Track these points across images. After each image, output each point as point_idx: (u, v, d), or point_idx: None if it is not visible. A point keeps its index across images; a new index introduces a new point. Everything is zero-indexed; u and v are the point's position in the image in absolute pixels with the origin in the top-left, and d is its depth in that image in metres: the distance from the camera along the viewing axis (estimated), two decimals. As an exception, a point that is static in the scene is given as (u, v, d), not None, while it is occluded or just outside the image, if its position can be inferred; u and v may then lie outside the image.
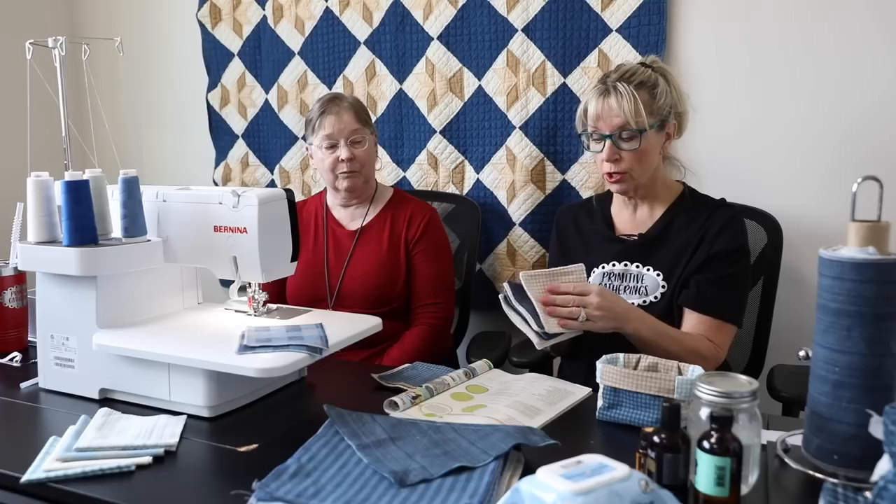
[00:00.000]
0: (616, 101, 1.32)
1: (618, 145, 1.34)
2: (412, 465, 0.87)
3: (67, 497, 0.86)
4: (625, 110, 1.31)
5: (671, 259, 1.36)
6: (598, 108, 1.34)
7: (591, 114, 1.35)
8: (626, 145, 1.34)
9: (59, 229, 1.17)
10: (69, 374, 1.17)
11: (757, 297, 1.56)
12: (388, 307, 1.61)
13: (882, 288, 0.79)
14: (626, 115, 1.31)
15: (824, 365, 0.84)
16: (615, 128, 1.33)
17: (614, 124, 1.33)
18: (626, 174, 1.35)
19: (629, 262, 1.39)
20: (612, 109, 1.32)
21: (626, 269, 1.40)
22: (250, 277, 1.18)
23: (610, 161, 1.35)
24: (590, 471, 0.69)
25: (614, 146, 1.33)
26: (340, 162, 1.61)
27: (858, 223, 0.83)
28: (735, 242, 1.34)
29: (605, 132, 1.34)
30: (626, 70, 1.36)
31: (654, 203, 1.43)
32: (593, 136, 1.37)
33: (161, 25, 2.47)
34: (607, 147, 1.34)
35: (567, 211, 1.56)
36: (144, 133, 2.57)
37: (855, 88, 1.61)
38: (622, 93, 1.32)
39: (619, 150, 1.34)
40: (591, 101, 1.36)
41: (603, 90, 1.35)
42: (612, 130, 1.33)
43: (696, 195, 1.44)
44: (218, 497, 0.84)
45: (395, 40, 2.04)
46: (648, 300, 1.36)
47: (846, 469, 0.82)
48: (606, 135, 1.34)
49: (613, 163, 1.34)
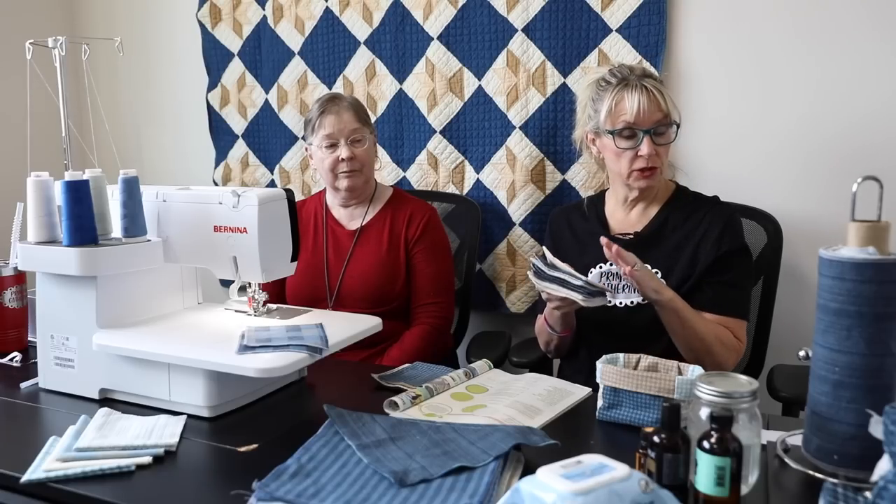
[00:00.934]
0: (657, 95, 1.35)
1: (654, 141, 1.35)
2: (412, 464, 0.87)
3: (67, 497, 0.86)
4: (667, 104, 1.35)
5: (668, 256, 1.37)
6: (638, 104, 1.34)
7: (630, 108, 1.35)
8: (661, 139, 1.36)
9: (59, 229, 1.17)
10: (69, 374, 1.17)
11: (757, 298, 1.56)
12: (388, 307, 1.61)
13: (882, 288, 0.79)
14: (668, 108, 1.35)
15: (824, 365, 0.84)
16: (654, 123, 1.35)
17: (654, 119, 1.34)
18: (656, 169, 1.38)
19: None
20: (652, 105, 1.34)
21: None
22: (250, 277, 1.18)
23: (650, 156, 1.35)
24: (590, 471, 0.69)
25: (652, 141, 1.35)
26: (341, 161, 1.61)
27: (858, 223, 0.83)
28: (740, 241, 1.37)
29: (644, 127, 1.35)
30: (645, 69, 1.41)
31: (649, 202, 1.44)
32: (624, 133, 1.36)
33: (161, 25, 2.47)
34: (646, 142, 1.34)
35: (560, 213, 1.57)
36: (144, 133, 2.57)
37: (855, 88, 1.61)
38: (658, 89, 1.36)
39: (655, 146, 1.36)
40: (623, 97, 1.36)
41: (634, 86, 1.35)
42: (651, 125, 1.35)
43: (689, 192, 1.46)
44: (218, 497, 0.84)
45: (395, 40, 2.04)
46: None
47: (846, 469, 0.82)
48: (645, 130, 1.34)
49: (650, 158, 1.36)
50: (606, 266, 1.41)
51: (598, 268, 1.42)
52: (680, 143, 1.77)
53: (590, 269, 1.42)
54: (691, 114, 1.76)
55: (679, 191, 1.46)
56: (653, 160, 1.36)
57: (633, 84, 1.35)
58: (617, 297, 1.38)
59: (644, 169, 1.37)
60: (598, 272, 1.41)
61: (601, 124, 1.39)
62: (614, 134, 1.37)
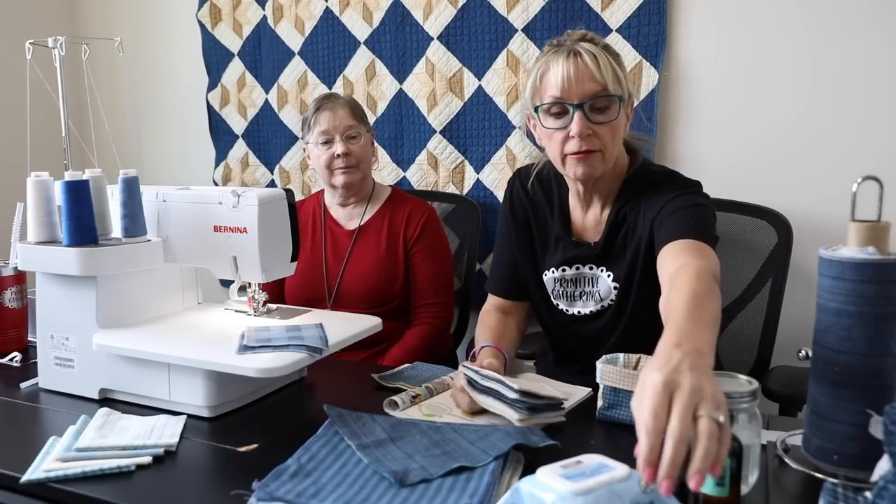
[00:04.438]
0: (591, 61, 1.11)
1: (588, 117, 1.12)
2: (412, 464, 0.87)
3: (67, 497, 0.86)
4: (602, 72, 1.11)
5: (623, 265, 1.21)
6: (566, 72, 1.10)
7: (555, 80, 1.11)
8: (600, 117, 1.12)
9: (59, 229, 1.17)
10: (69, 374, 1.17)
11: (765, 298, 1.55)
12: (387, 307, 1.61)
13: (882, 288, 0.79)
14: (605, 77, 1.11)
15: (824, 365, 0.84)
16: (587, 95, 1.11)
17: (587, 91, 1.11)
18: (597, 153, 1.14)
19: (581, 265, 1.25)
20: (585, 72, 1.10)
21: (580, 273, 1.26)
22: (250, 277, 1.18)
23: (582, 136, 1.11)
24: (590, 471, 0.69)
25: (585, 118, 1.11)
26: (336, 157, 1.61)
27: (858, 223, 0.83)
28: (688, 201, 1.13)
29: (573, 101, 1.11)
30: (586, 33, 1.16)
31: (604, 197, 1.24)
32: (552, 110, 1.13)
33: (161, 25, 2.47)
34: (578, 119, 1.11)
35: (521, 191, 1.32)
36: (144, 133, 2.57)
37: (856, 87, 1.61)
38: (595, 54, 1.11)
39: (591, 124, 1.12)
40: (551, 66, 1.13)
41: (567, 52, 1.12)
42: (582, 98, 1.11)
43: (646, 173, 1.23)
44: (218, 497, 0.84)
45: (395, 40, 2.04)
46: (604, 304, 1.24)
47: (846, 469, 0.82)
48: (576, 104, 1.11)
49: (584, 139, 1.12)
50: (559, 272, 1.26)
51: (550, 272, 1.28)
52: (680, 143, 1.78)
53: (544, 272, 1.29)
54: (692, 114, 1.76)
55: (633, 177, 1.22)
56: (589, 141, 1.12)
57: (566, 50, 1.12)
58: (574, 307, 1.27)
59: (577, 152, 1.13)
60: (552, 276, 1.28)
61: (528, 101, 1.18)
62: (539, 110, 1.15)
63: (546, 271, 1.29)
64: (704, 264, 0.96)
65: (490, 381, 1.02)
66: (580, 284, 1.25)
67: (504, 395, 0.99)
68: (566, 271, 1.26)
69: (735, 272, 1.59)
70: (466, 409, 1.06)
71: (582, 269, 1.25)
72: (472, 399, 1.04)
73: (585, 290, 1.24)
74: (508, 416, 0.98)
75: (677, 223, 1.09)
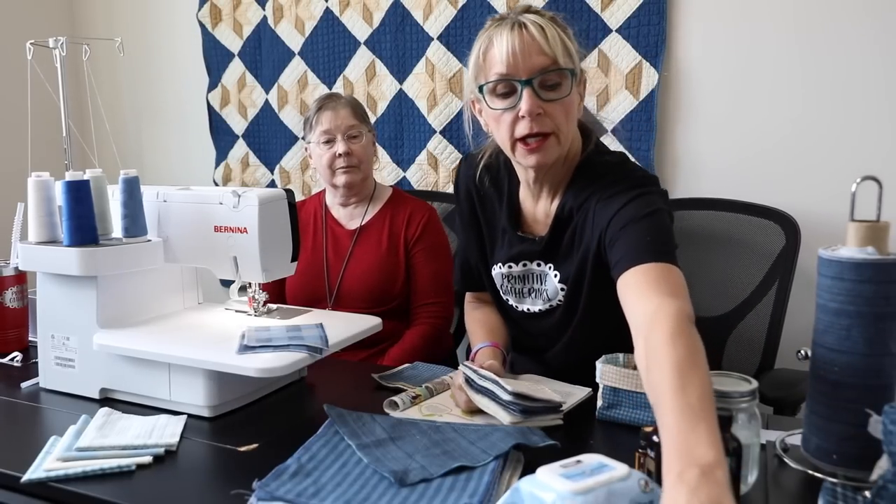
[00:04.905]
0: (538, 32, 0.99)
1: (539, 95, 1.00)
2: (412, 464, 0.87)
3: (68, 496, 0.86)
4: (551, 43, 0.99)
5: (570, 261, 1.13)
6: (511, 46, 0.99)
7: (500, 55, 1.00)
8: (552, 94, 1.01)
9: (59, 229, 1.17)
10: (70, 374, 1.17)
11: (771, 299, 1.54)
12: (388, 307, 1.61)
13: (881, 288, 0.79)
14: (554, 49, 0.99)
15: (823, 365, 0.84)
16: (536, 70, 1.00)
17: (535, 65, 0.99)
18: (550, 137, 1.02)
19: (528, 262, 1.17)
20: (532, 45, 0.99)
21: (528, 270, 1.17)
22: (250, 277, 1.18)
23: (532, 116, 1.00)
24: (589, 470, 0.69)
25: (535, 95, 1.00)
26: (338, 157, 1.62)
27: (857, 223, 0.83)
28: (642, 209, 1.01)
29: (521, 77, 1.00)
30: (530, 6, 1.06)
31: (554, 186, 1.13)
32: (498, 89, 1.02)
33: (161, 26, 2.47)
34: (527, 96, 0.99)
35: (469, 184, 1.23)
36: (145, 133, 2.57)
37: (856, 86, 1.61)
38: (542, 25, 1.00)
39: (542, 102, 1.01)
40: (494, 40, 1.01)
41: (512, 24, 1.01)
42: (531, 74, 0.99)
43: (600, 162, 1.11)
44: (218, 496, 0.84)
45: (395, 40, 2.04)
46: (552, 304, 1.17)
47: (845, 468, 0.82)
48: (524, 80, 0.99)
49: (536, 119, 1.00)
50: (506, 268, 1.19)
51: (498, 267, 1.20)
52: (680, 144, 1.78)
53: (492, 266, 1.22)
54: (691, 114, 1.76)
55: (583, 165, 1.10)
56: (541, 122, 1.01)
57: (510, 22, 1.01)
58: (524, 304, 1.21)
59: (528, 136, 1.02)
60: (499, 272, 1.21)
61: (471, 81, 1.06)
62: (484, 90, 1.03)
63: (494, 266, 1.22)
64: (677, 307, 0.84)
65: (487, 381, 1.02)
66: (528, 281, 1.16)
67: (498, 397, 0.99)
68: (513, 268, 1.18)
69: (742, 274, 1.58)
70: (464, 408, 1.06)
71: (529, 266, 1.17)
72: (469, 398, 1.04)
73: (534, 286, 1.16)
74: (500, 418, 0.98)
75: (634, 243, 0.97)
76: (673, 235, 1.01)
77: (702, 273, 1.62)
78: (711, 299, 1.60)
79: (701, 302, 1.60)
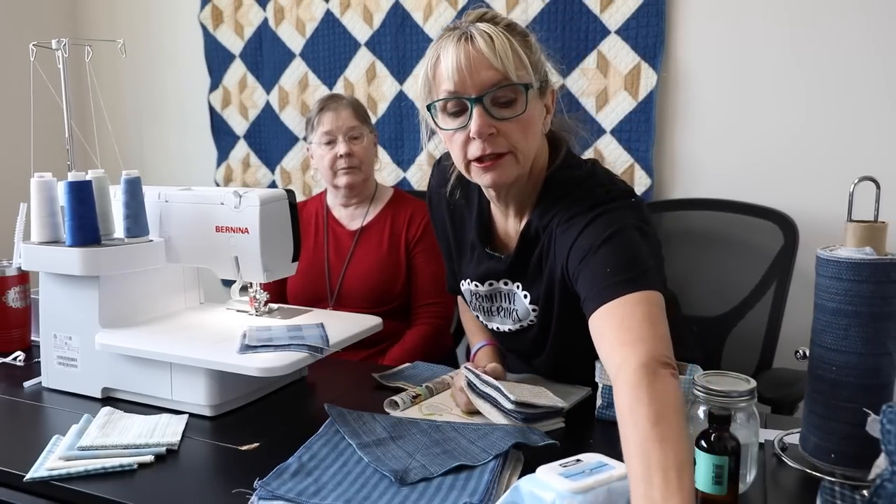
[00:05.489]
0: (486, 45, 0.92)
1: (491, 113, 0.93)
2: (412, 463, 0.88)
3: (70, 495, 0.87)
4: (500, 56, 0.91)
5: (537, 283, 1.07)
6: (457, 61, 0.92)
7: (447, 71, 0.93)
8: (505, 112, 0.94)
9: (62, 229, 1.18)
10: (72, 374, 1.17)
11: (769, 299, 1.55)
12: (389, 307, 1.62)
13: (879, 288, 0.80)
14: (504, 63, 0.92)
15: (822, 364, 0.84)
16: (485, 86, 0.93)
17: (484, 80, 0.92)
18: (506, 156, 0.96)
19: (495, 281, 1.11)
20: (479, 60, 0.92)
21: (494, 289, 1.12)
22: (252, 277, 1.18)
23: (482, 136, 0.93)
24: (589, 469, 0.70)
25: (487, 114, 0.93)
26: (339, 158, 1.62)
27: (856, 223, 0.84)
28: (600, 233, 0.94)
29: (469, 94, 0.93)
30: (485, 12, 0.97)
31: (520, 206, 1.07)
32: (448, 109, 0.96)
33: (163, 27, 2.48)
34: (477, 115, 0.92)
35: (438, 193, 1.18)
36: (146, 134, 2.58)
37: (855, 87, 1.61)
38: (491, 35, 0.92)
39: (494, 121, 0.94)
40: (441, 54, 0.94)
41: (459, 36, 0.94)
42: (481, 91, 0.92)
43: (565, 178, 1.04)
44: (220, 495, 0.85)
45: (396, 42, 2.05)
46: (524, 325, 1.11)
47: (843, 467, 0.83)
48: (472, 98, 0.92)
49: (488, 139, 0.94)
50: (473, 286, 1.13)
51: (467, 282, 1.15)
52: (679, 145, 1.78)
53: (461, 281, 1.18)
54: (691, 115, 1.77)
55: (550, 181, 1.03)
56: (493, 143, 0.94)
57: (458, 34, 0.94)
58: (493, 322, 1.16)
59: (482, 158, 0.95)
60: (468, 288, 1.16)
61: (422, 98, 1.00)
62: (433, 109, 0.97)
63: (463, 281, 1.17)
64: (636, 359, 0.78)
65: (489, 387, 1.02)
66: (496, 300, 1.11)
67: (501, 405, 0.99)
68: (479, 287, 1.12)
69: (741, 274, 1.58)
70: (464, 409, 1.06)
71: (496, 285, 1.11)
72: (469, 399, 1.05)
73: (502, 305, 1.10)
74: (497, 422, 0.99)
75: (594, 278, 0.90)
76: (641, 251, 0.93)
77: (700, 273, 1.62)
78: (710, 299, 1.61)
79: (700, 302, 1.60)
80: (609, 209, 0.97)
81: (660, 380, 0.77)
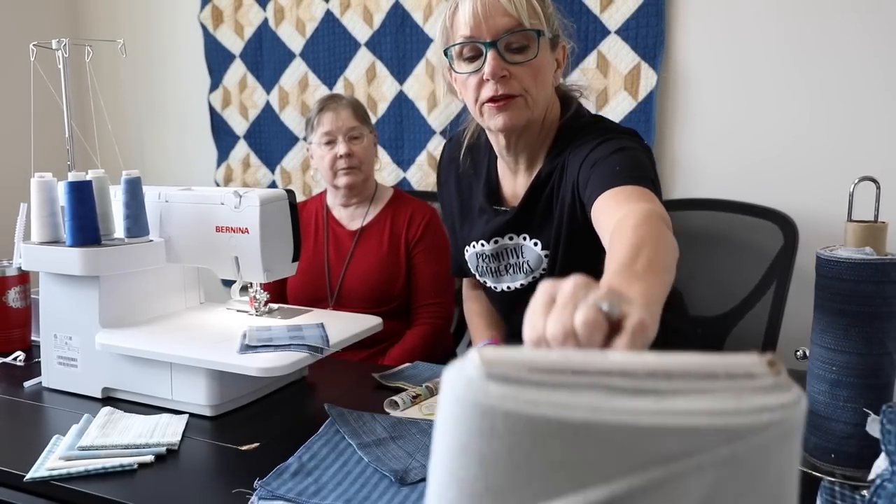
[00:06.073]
0: None
1: (504, 57, 0.99)
2: (412, 463, 0.88)
3: (70, 495, 0.87)
4: (515, 4, 0.98)
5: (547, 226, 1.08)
6: (474, 6, 0.98)
7: (464, 17, 1.00)
8: (518, 56, 1.00)
9: (62, 229, 1.18)
10: (72, 374, 1.17)
11: (769, 299, 1.55)
12: (388, 307, 1.62)
13: (879, 288, 0.80)
14: (518, 9, 0.98)
15: (822, 364, 0.84)
16: (500, 31, 0.99)
17: (500, 26, 0.99)
18: (517, 98, 1.00)
19: (500, 237, 1.13)
20: (495, 6, 0.98)
21: (500, 245, 1.13)
22: (252, 277, 1.18)
23: (495, 77, 0.99)
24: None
25: (500, 57, 0.99)
26: (339, 158, 1.62)
27: (855, 223, 0.84)
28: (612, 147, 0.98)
29: (484, 39, 0.99)
30: None
31: (532, 155, 1.10)
32: (464, 53, 1.02)
33: (163, 27, 2.48)
34: (491, 58, 0.98)
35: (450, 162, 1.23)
36: (146, 134, 2.58)
37: (855, 87, 1.61)
38: None
39: (507, 64, 0.99)
40: (459, 4, 1.01)
41: None
42: (495, 35, 0.99)
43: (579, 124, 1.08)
44: (220, 495, 0.85)
45: (396, 42, 2.05)
46: (536, 276, 1.11)
47: (843, 467, 0.83)
48: (488, 42, 0.98)
49: (501, 81, 0.99)
50: (479, 246, 1.16)
51: (471, 246, 1.18)
52: (679, 145, 1.79)
53: (465, 248, 1.20)
54: (691, 115, 1.77)
55: (561, 131, 1.08)
56: (506, 85, 0.99)
57: None
58: (502, 282, 1.17)
59: (494, 98, 1.00)
60: (473, 252, 1.18)
61: (438, 48, 1.06)
62: (451, 55, 1.03)
63: (466, 247, 1.18)
64: (649, 207, 0.78)
65: None
66: (503, 258, 1.12)
67: None
68: (484, 246, 1.14)
69: (741, 274, 1.58)
70: None
71: (501, 241, 1.13)
72: None
73: (510, 262, 1.11)
74: None
75: (602, 175, 0.92)
76: (650, 168, 0.97)
77: (700, 273, 1.62)
78: (710, 299, 1.61)
79: (700, 302, 1.60)
80: (621, 137, 1.02)
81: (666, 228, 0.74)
